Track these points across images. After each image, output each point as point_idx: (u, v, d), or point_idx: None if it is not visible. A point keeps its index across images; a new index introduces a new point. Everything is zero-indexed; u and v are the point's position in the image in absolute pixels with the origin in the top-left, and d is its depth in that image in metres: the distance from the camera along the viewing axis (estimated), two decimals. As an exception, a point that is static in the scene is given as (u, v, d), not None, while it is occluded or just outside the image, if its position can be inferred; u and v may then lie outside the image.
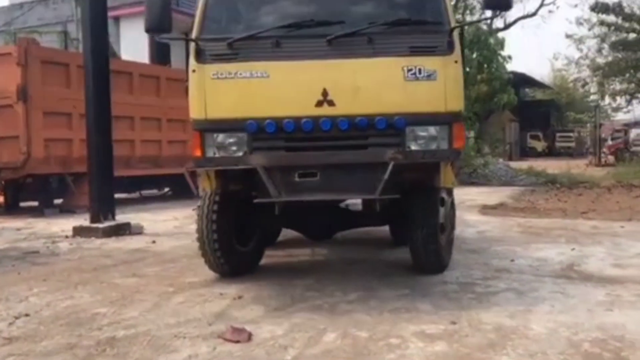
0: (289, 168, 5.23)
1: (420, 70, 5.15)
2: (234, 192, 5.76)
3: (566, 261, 6.65)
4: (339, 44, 5.19)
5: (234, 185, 5.68)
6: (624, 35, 31.09)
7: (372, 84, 5.21)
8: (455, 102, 5.31)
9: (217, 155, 5.29)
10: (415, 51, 5.22)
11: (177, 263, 7.04)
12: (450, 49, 5.28)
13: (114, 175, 9.77)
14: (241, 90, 5.21)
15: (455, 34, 5.37)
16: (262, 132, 5.17)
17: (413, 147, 5.26)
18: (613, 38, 32.24)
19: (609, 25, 30.68)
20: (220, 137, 5.27)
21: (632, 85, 34.42)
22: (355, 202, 6.65)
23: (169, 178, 16.22)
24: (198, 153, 5.32)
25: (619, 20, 29.81)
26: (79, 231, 9.17)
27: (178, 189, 16.48)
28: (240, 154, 5.25)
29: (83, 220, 9.72)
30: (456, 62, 5.30)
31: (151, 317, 4.77)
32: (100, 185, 9.43)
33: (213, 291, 5.54)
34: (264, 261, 6.65)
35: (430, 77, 5.16)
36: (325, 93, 5.13)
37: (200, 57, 5.25)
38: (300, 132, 5.16)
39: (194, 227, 6.08)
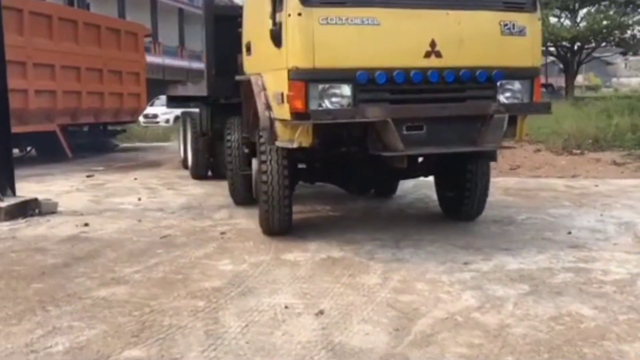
0: (400, 121, 4.98)
1: (514, 25, 5.26)
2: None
3: (624, 230, 5.92)
4: None
5: (332, 138, 5.30)
6: None
7: (474, 37, 5.19)
8: (538, 58, 5.61)
9: (322, 107, 4.88)
10: (509, 6, 5.33)
11: (155, 258, 5.17)
12: (534, 6, 5.45)
13: (10, 136, 7.32)
14: (351, 37, 4.90)
15: None
16: (371, 83, 4.92)
17: (502, 100, 5.35)
18: None
19: None
20: (327, 88, 4.90)
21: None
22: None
23: (33, 136, 13.30)
24: (299, 105, 4.84)
25: None
26: (-35, 213, 6.72)
27: (45, 149, 13.69)
28: (344, 106, 4.93)
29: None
30: (539, 19, 5.53)
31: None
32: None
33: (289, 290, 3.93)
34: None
35: (521, 32, 5.30)
36: (433, 44, 5.04)
37: (307, 0, 4.77)
38: (409, 83, 5.00)
39: (118, 200, 6.42)
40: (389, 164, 5.52)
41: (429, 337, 3.43)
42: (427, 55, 5.02)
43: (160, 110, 25.50)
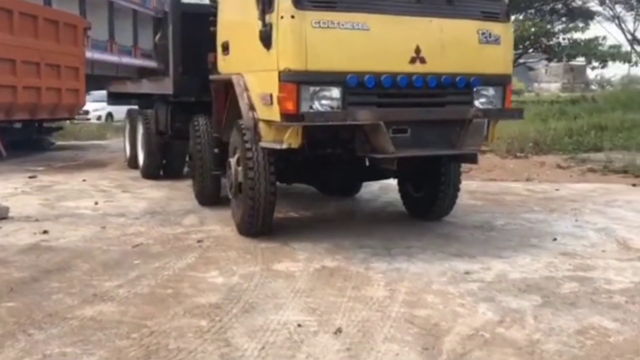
0: (387, 124, 5.03)
1: (490, 34, 5.45)
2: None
3: (606, 237, 5.94)
4: (427, 2, 5.28)
5: (320, 140, 5.34)
6: None
7: (454, 44, 5.31)
8: (510, 65, 5.79)
9: (312, 109, 4.88)
10: (486, 16, 5.49)
11: (134, 270, 4.76)
12: (507, 16, 5.72)
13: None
14: (341, 41, 4.92)
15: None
16: (360, 86, 4.97)
17: (478, 106, 5.50)
18: None
19: None
20: (318, 90, 4.90)
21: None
22: None
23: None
24: (290, 107, 4.82)
25: None
26: None
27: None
28: (333, 108, 4.95)
29: None
30: (511, 29, 5.78)
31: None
32: None
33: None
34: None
35: (496, 41, 5.50)
36: (418, 50, 5.14)
37: (300, 3, 4.78)
38: (395, 87, 5.08)
39: (72, 204, 6.52)
40: (376, 166, 5.60)
41: (462, 356, 3.25)
42: (412, 60, 5.13)
43: (92, 107, 24.34)
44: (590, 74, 45.83)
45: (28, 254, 5.17)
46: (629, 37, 33.32)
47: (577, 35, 32.92)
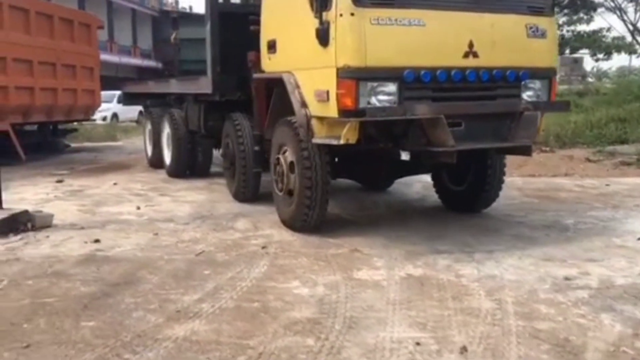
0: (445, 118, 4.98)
1: (537, 28, 5.51)
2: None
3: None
4: None
5: (374, 136, 5.31)
6: None
7: (505, 38, 5.37)
8: (555, 59, 5.94)
9: (370, 105, 4.92)
10: (533, 10, 5.59)
11: (208, 281, 4.43)
12: (552, 10, 5.89)
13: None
14: (398, 37, 4.98)
15: None
16: (417, 81, 5.00)
17: (526, 99, 5.55)
18: None
19: None
20: (376, 86, 4.94)
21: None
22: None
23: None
24: (349, 103, 4.88)
25: None
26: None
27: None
28: (390, 103, 4.99)
29: None
30: (555, 23, 5.86)
31: None
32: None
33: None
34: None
35: (543, 35, 5.55)
36: (471, 44, 5.18)
37: (359, 0, 4.85)
38: (450, 82, 5.12)
39: (113, 209, 6.50)
40: (434, 160, 5.53)
41: (616, 377, 2.92)
42: (466, 55, 5.17)
43: (96, 107, 23.85)
44: (587, 66, 45.66)
45: (87, 265, 4.83)
46: (631, 28, 33.02)
47: (580, 27, 32.55)
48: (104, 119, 26.14)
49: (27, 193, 8.20)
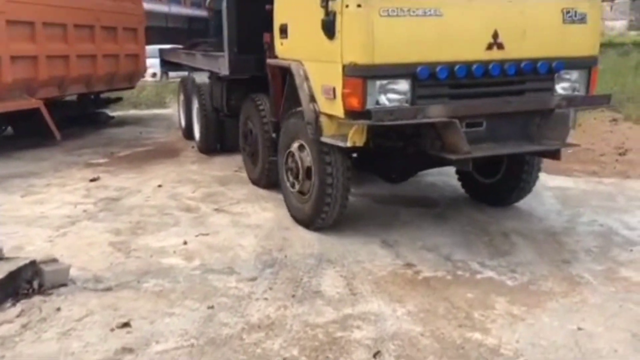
0: (460, 119, 4.57)
1: (575, 12, 4.95)
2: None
3: None
4: None
5: (385, 136, 4.99)
6: None
7: (537, 26, 4.86)
8: (597, 46, 5.22)
9: (379, 104, 4.49)
10: None
11: None
12: None
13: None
14: (412, 30, 4.50)
15: None
16: (432, 78, 4.55)
17: (559, 91, 5.04)
18: None
19: None
20: (385, 84, 4.50)
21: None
22: None
23: (9, 112, 10.29)
24: (355, 103, 4.47)
25: None
26: None
27: (26, 128, 10.68)
28: (402, 103, 4.55)
29: None
30: (599, 5, 5.14)
31: None
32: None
33: None
34: None
35: (582, 19, 4.99)
36: (496, 35, 4.70)
37: None
38: (470, 78, 4.65)
39: (153, 241, 5.24)
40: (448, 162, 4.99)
41: None
42: (489, 47, 4.71)
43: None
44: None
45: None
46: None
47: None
48: (154, 75, 24.48)
49: (50, 203, 6.58)
